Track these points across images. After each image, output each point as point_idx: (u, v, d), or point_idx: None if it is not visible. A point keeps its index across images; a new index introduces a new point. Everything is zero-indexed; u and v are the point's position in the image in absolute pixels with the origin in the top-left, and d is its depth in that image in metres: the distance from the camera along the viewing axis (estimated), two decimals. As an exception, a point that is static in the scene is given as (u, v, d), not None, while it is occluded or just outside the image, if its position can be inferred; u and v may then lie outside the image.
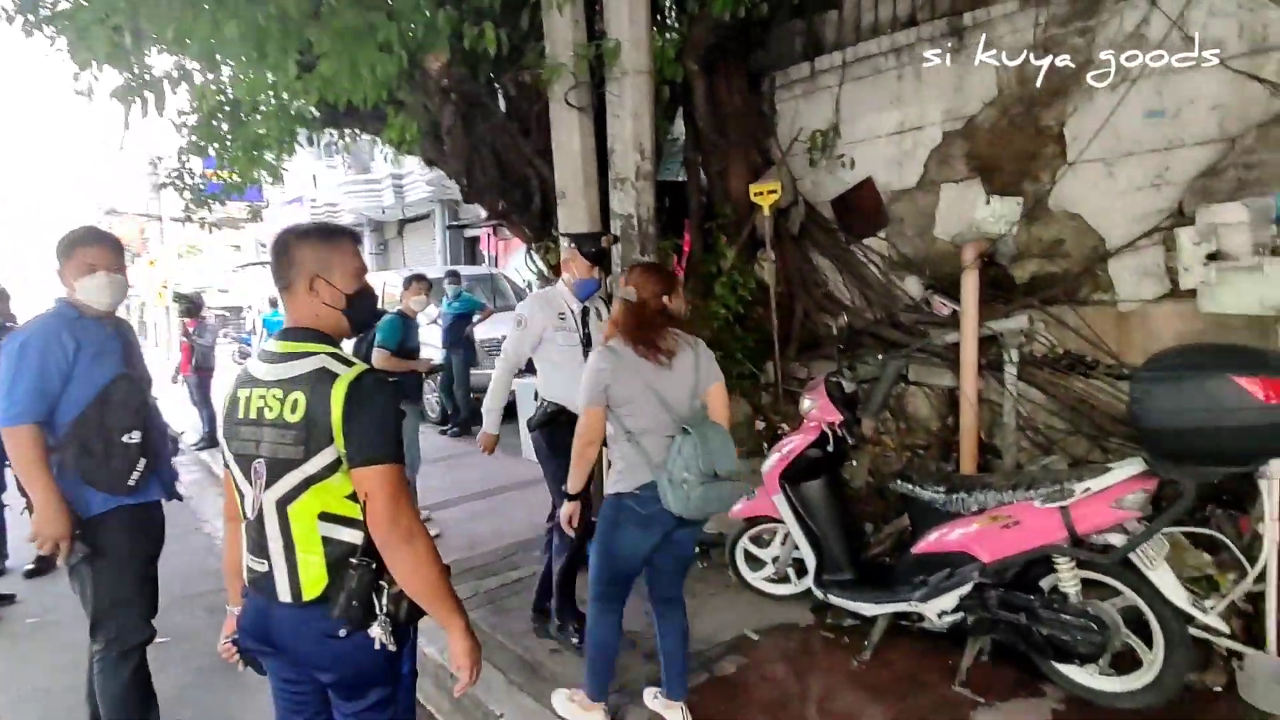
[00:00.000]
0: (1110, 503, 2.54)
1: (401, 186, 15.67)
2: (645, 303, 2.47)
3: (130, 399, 2.26)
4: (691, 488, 2.32)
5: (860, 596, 3.17)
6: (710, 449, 2.33)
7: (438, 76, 3.96)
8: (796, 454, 3.36)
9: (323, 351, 1.56)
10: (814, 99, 4.78)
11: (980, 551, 2.76)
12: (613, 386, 2.42)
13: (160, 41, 3.82)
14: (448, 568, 1.57)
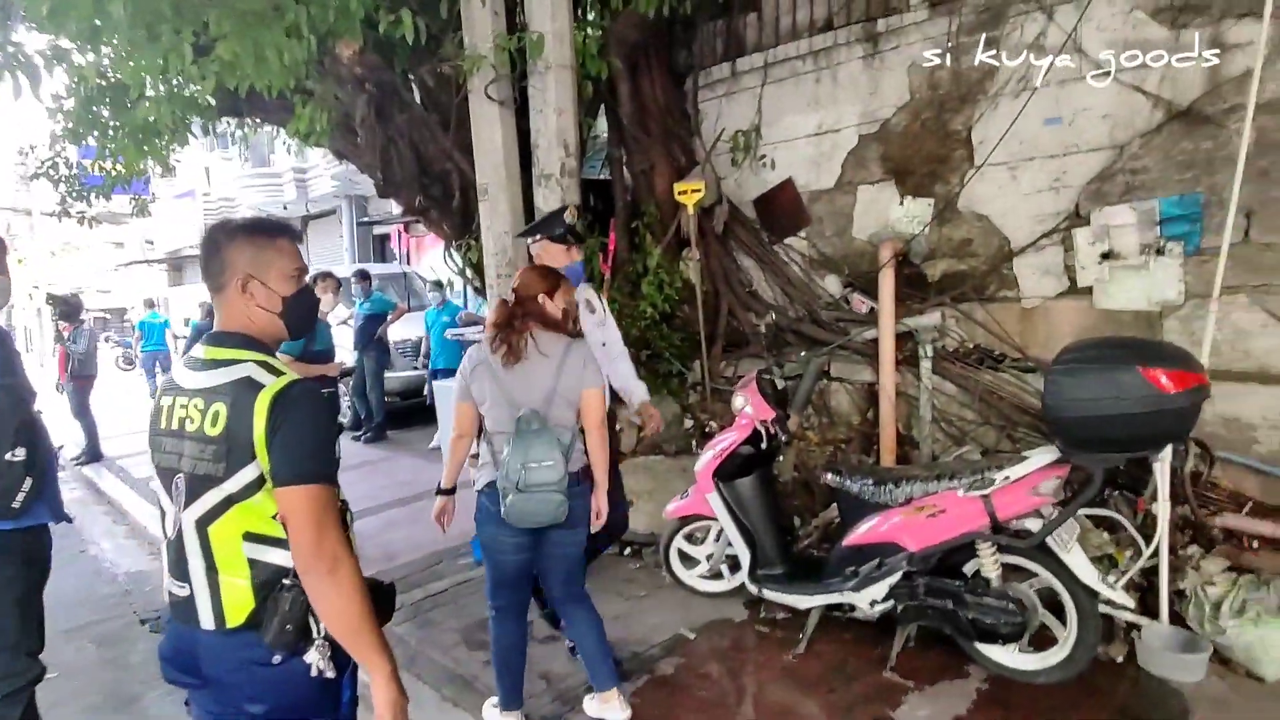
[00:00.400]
0: (1028, 490, 2.66)
1: (305, 181, 14.91)
2: (519, 301, 2.48)
3: (11, 412, 2.01)
4: (509, 494, 2.31)
5: (794, 590, 3.23)
6: (526, 458, 2.30)
7: (350, 65, 3.76)
8: (730, 451, 3.37)
9: (250, 359, 1.43)
10: (736, 99, 4.84)
11: (908, 541, 2.85)
12: (471, 384, 2.45)
13: (31, 19, 3.45)
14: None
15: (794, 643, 3.19)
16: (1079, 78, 3.58)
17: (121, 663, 3.68)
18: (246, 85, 3.77)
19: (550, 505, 2.34)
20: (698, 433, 4.82)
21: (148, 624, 3.70)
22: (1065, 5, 3.54)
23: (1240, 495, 3.30)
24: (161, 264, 23.11)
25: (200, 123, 5.20)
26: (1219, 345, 3.21)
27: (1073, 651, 2.73)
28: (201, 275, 1.52)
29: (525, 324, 2.42)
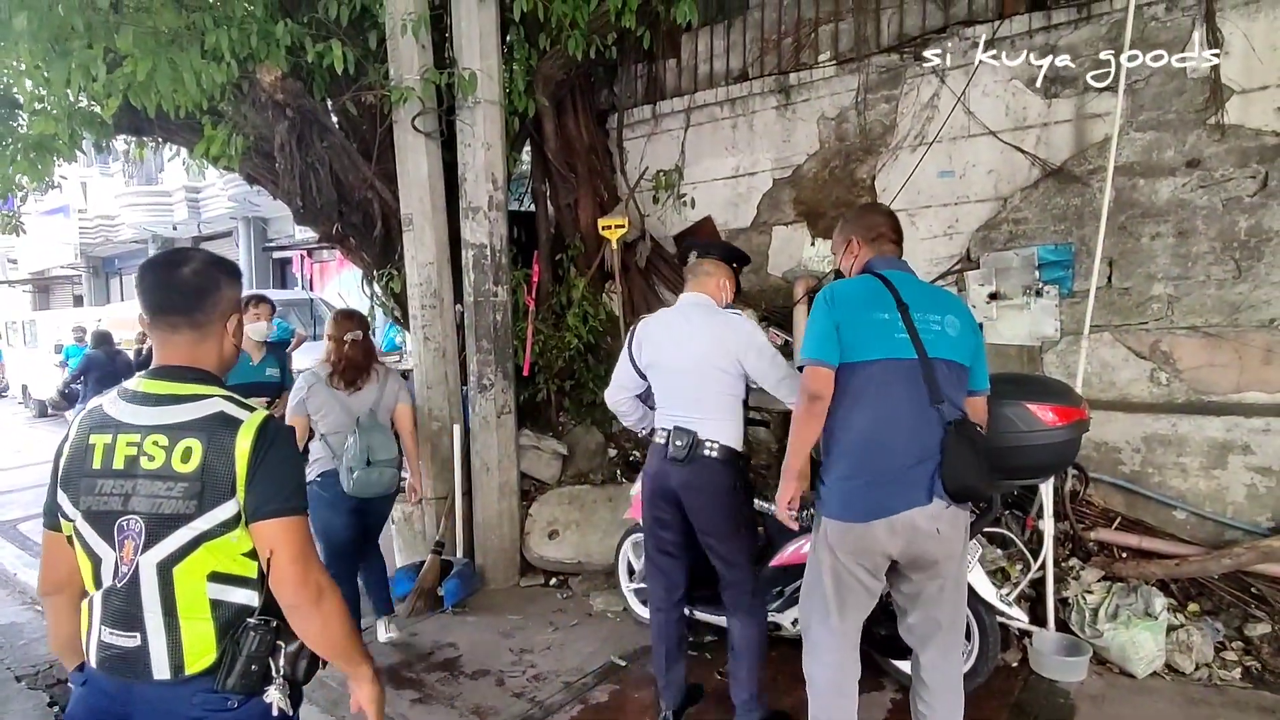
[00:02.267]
0: None
1: (198, 201, 14.11)
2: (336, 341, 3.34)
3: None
4: (356, 471, 3.19)
5: (722, 610, 3.33)
6: (370, 445, 3.23)
7: (271, 90, 3.67)
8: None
9: (216, 394, 1.39)
10: (658, 140, 5.04)
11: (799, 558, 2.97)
12: (309, 400, 3.28)
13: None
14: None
15: (723, 662, 3.28)
16: (968, 135, 3.98)
17: (-6, 726, 3.35)
18: (155, 105, 3.62)
19: (387, 477, 3.31)
20: (621, 461, 4.91)
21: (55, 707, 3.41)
22: (955, 70, 3.93)
23: (1110, 511, 3.69)
24: (26, 285, 21.15)
25: (92, 140, 4.90)
26: (1089, 377, 3.61)
27: (976, 663, 2.92)
28: (159, 305, 1.43)
29: (369, 362, 3.43)
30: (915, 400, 2.08)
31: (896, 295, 2.13)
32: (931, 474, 2.06)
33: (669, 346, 2.66)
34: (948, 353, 2.13)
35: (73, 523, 1.38)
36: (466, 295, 4.28)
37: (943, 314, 2.15)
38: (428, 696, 3.21)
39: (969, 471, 2.06)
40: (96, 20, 3.06)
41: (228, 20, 3.46)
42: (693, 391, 2.60)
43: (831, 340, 2.10)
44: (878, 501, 2.08)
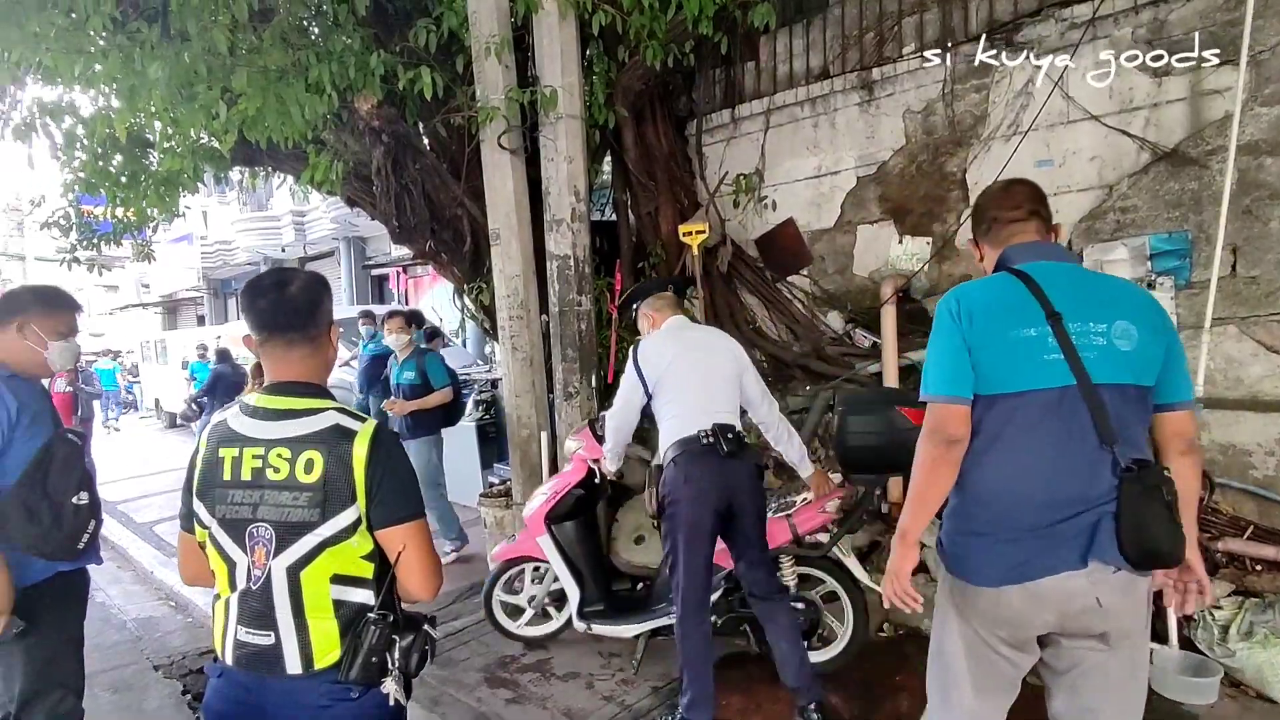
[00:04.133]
0: (819, 509, 3.16)
1: (303, 224, 15.08)
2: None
3: (73, 459, 2.08)
4: None
5: (620, 621, 3.45)
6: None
7: (368, 117, 3.90)
8: (562, 495, 3.54)
9: (330, 407, 1.49)
10: (737, 144, 5.02)
11: (726, 562, 3.10)
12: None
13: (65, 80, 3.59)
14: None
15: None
16: (1067, 121, 3.76)
17: (136, 708, 3.66)
18: (267, 137, 3.91)
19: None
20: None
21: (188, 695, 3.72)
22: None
23: (1241, 520, 3.39)
24: (157, 307, 23.15)
25: (212, 172, 5.32)
26: (1212, 374, 3.34)
27: (848, 643, 3.24)
28: (275, 325, 1.52)
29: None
30: (1075, 439, 1.60)
31: (1044, 300, 1.62)
32: (1091, 530, 1.58)
33: (696, 354, 2.90)
34: (1120, 374, 1.60)
35: (208, 530, 1.50)
36: (552, 305, 4.39)
37: (1110, 319, 1.61)
38: (521, 697, 3.30)
39: (1156, 531, 1.54)
40: (215, 64, 3.35)
41: (328, 54, 3.70)
42: (721, 392, 2.86)
43: (963, 366, 1.64)
44: (1013, 563, 1.63)
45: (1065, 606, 1.62)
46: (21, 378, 2.14)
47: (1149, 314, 1.65)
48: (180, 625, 4.79)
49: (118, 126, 3.51)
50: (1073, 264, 1.75)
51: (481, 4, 4.06)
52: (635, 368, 2.91)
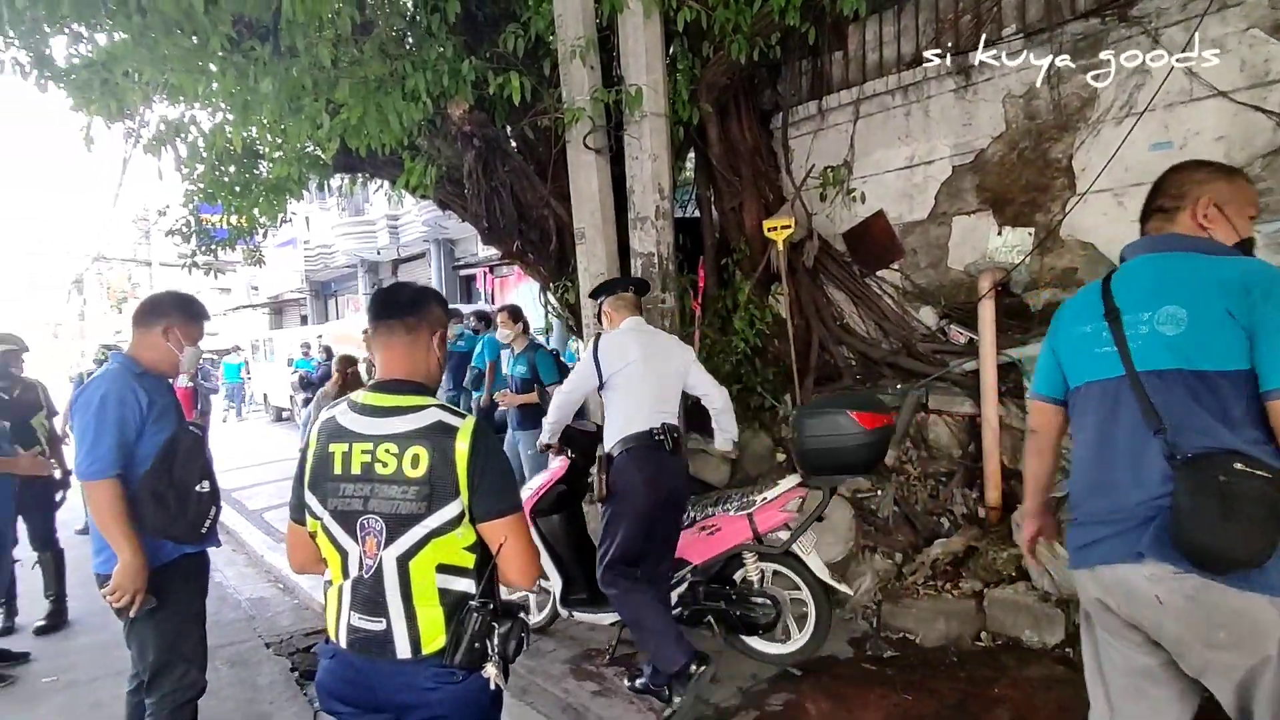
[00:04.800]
0: (779, 508, 3.29)
1: (397, 227, 15.75)
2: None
3: (195, 450, 2.25)
4: None
5: (600, 609, 3.54)
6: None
7: (460, 123, 4.03)
8: (545, 489, 3.66)
9: (432, 404, 1.57)
10: (824, 136, 4.91)
11: (692, 555, 3.37)
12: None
13: (183, 96, 3.87)
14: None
15: (907, 679, 3.14)
16: (1189, 100, 3.49)
17: (251, 683, 3.90)
18: (366, 145, 4.10)
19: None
20: (791, 466, 4.81)
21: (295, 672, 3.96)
22: (1173, 27, 3.47)
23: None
24: (265, 308, 24.71)
25: (315, 180, 5.63)
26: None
27: (811, 638, 3.32)
28: (379, 314, 1.64)
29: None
30: (1122, 428, 1.61)
31: (1107, 296, 1.66)
32: (1147, 523, 1.53)
33: (655, 359, 3.20)
34: (1164, 360, 1.55)
35: (320, 520, 1.58)
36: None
37: (1156, 305, 1.57)
38: (607, 690, 3.34)
39: (1209, 527, 1.42)
40: (320, 77, 3.54)
41: (424, 63, 3.84)
42: (671, 394, 3.24)
43: (1048, 366, 1.83)
44: (1080, 545, 1.68)
45: (1128, 600, 1.59)
46: (151, 375, 2.34)
47: (1218, 296, 1.51)
48: (288, 606, 5.09)
49: (234, 139, 3.76)
50: (1173, 252, 1.64)
51: (567, 6, 4.12)
52: (594, 359, 3.17)
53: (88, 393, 2.24)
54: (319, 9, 3.33)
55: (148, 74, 3.46)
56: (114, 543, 2.18)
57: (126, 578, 2.18)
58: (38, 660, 4.25)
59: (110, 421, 2.17)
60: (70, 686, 3.93)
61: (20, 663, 4.19)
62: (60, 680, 4.02)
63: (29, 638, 4.54)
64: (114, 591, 2.20)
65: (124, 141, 5.70)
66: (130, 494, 2.19)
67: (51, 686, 3.97)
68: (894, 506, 4.30)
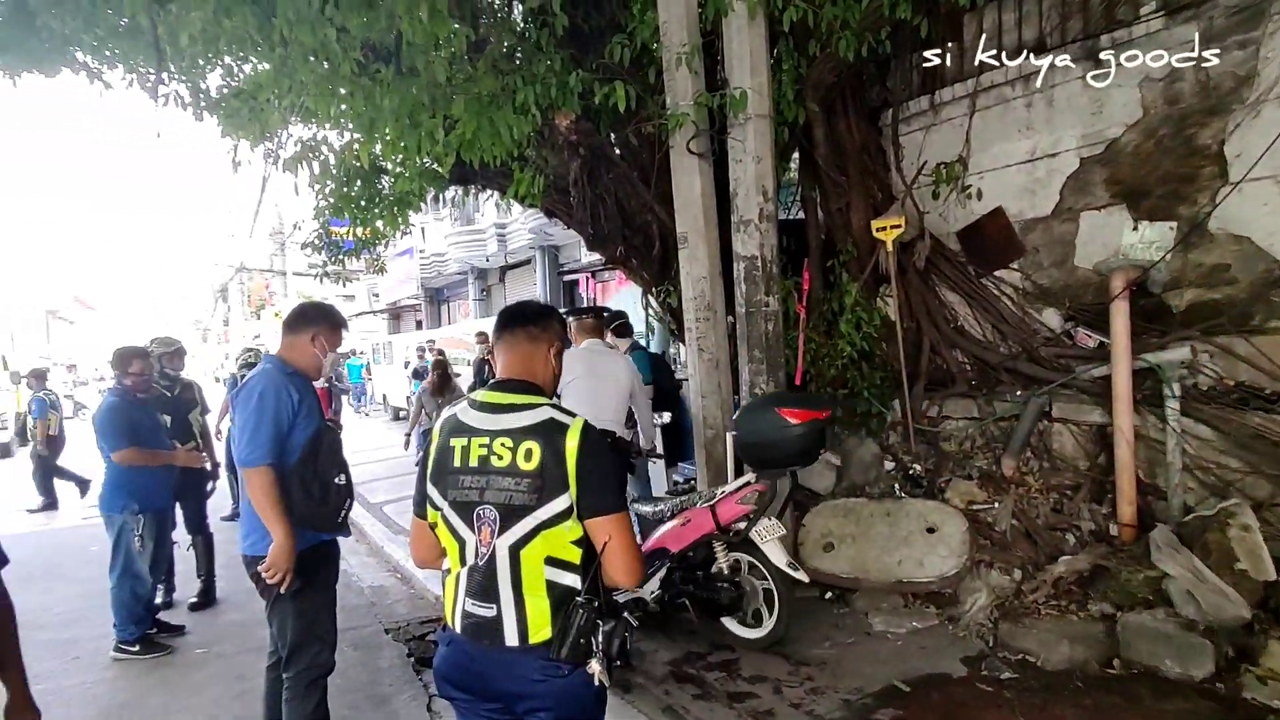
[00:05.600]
0: (737, 500, 3.59)
1: (504, 235, 16.34)
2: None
3: (335, 445, 2.45)
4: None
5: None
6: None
7: (567, 133, 4.16)
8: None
9: (545, 403, 1.65)
10: (937, 131, 4.71)
11: (671, 545, 3.73)
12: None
13: (318, 119, 4.20)
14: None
15: (1027, 703, 2.95)
16: (1367, 75, 3.11)
17: (372, 665, 4.16)
18: (478, 158, 4.29)
19: None
20: (900, 474, 4.63)
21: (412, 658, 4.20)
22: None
23: None
24: (384, 314, 26.28)
25: (432, 191, 5.94)
26: None
27: (775, 625, 3.61)
28: (505, 323, 1.76)
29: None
30: None
31: None
32: None
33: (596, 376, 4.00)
34: None
35: (440, 511, 1.68)
36: (738, 306, 4.39)
37: None
38: (708, 694, 3.33)
39: None
40: (437, 94, 3.75)
41: (533, 77, 3.99)
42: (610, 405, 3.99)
43: None
44: None
45: None
46: (299, 375, 2.56)
47: None
48: (406, 595, 5.38)
49: (361, 156, 4.04)
50: None
51: (671, 14, 4.16)
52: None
53: (247, 388, 2.48)
54: (437, 30, 3.53)
55: (287, 100, 3.77)
56: (270, 525, 2.40)
57: (280, 557, 2.40)
58: (191, 633, 4.71)
59: (268, 414, 2.40)
60: (218, 658, 4.33)
61: (177, 635, 4.65)
62: (210, 652, 4.44)
63: (184, 613, 5.03)
64: (268, 569, 2.42)
65: (264, 162, 6.26)
66: (282, 482, 2.41)
67: (203, 657, 4.38)
68: (1012, 520, 4.06)
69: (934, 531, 4.04)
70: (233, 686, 3.90)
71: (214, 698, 3.83)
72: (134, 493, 4.31)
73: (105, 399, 4.51)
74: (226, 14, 4.01)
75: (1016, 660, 3.35)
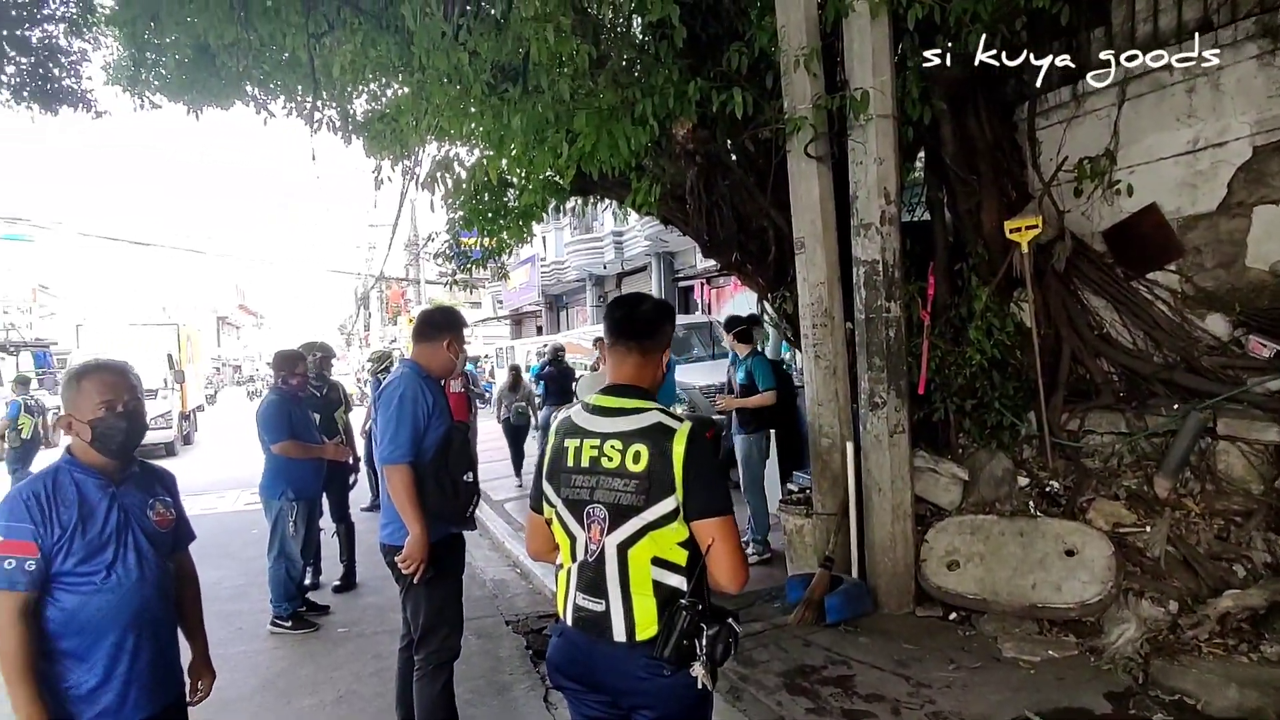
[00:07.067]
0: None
1: (622, 243, 16.71)
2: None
3: (464, 444, 2.63)
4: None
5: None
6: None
7: (684, 142, 4.21)
8: None
9: (653, 408, 1.70)
10: (1080, 124, 4.38)
11: None
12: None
13: (451, 137, 4.49)
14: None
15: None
16: None
17: (493, 654, 4.37)
18: (598, 169, 4.42)
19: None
20: (1035, 492, 4.33)
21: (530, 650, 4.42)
22: None
23: None
24: (506, 320, 27.50)
25: (554, 203, 6.18)
26: None
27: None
28: (620, 333, 1.80)
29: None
30: None
31: None
32: None
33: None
34: None
35: (554, 508, 1.76)
36: (858, 313, 4.27)
37: None
38: (821, 709, 3.26)
39: None
40: (561, 110, 3.91)
41: (651, 89, 4.07)
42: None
43: None
44: None
45: None
46: (431, 378, 2.76)
47: None
48: (524, 590, 5.61)
49: (491, 172, 4.28)
50: None
51: (790, 17, 4.12)
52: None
53: (389, 391, 2.70)
54: (561, 49, 3.69)
55: (425, 121, 4.06)
56: (407, 519, 2.60)
57: (417, 548, 2.60)
58: (334, 613, 5.14)
59: (408, 415, 2.61)
60: (358, 637, 4.70)
61: (323, 614, 5.09)
62: (350, 631, 4.82)
63: (328, 594, 5.50)
64: (404, 560, 2.62)
65: (402, 179, 6.75)
66: (418, 479, 2.60)
67: (345, 636, 4.77)
68: (1168, 546, 3.69)
69: (1073, 554, 3.75)
70: (370, 664, 4.22)
71: (354, 673, 4.16)
72: (291, 482, 4.77)
73: (267, 396, 5.02)
74: (372, 45, 4.38)
75: (1171, 701, 3.05)
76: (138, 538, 1.87)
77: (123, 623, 1.82)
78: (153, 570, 1.89)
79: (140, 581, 1.85)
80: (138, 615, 1.84)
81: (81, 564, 1.78)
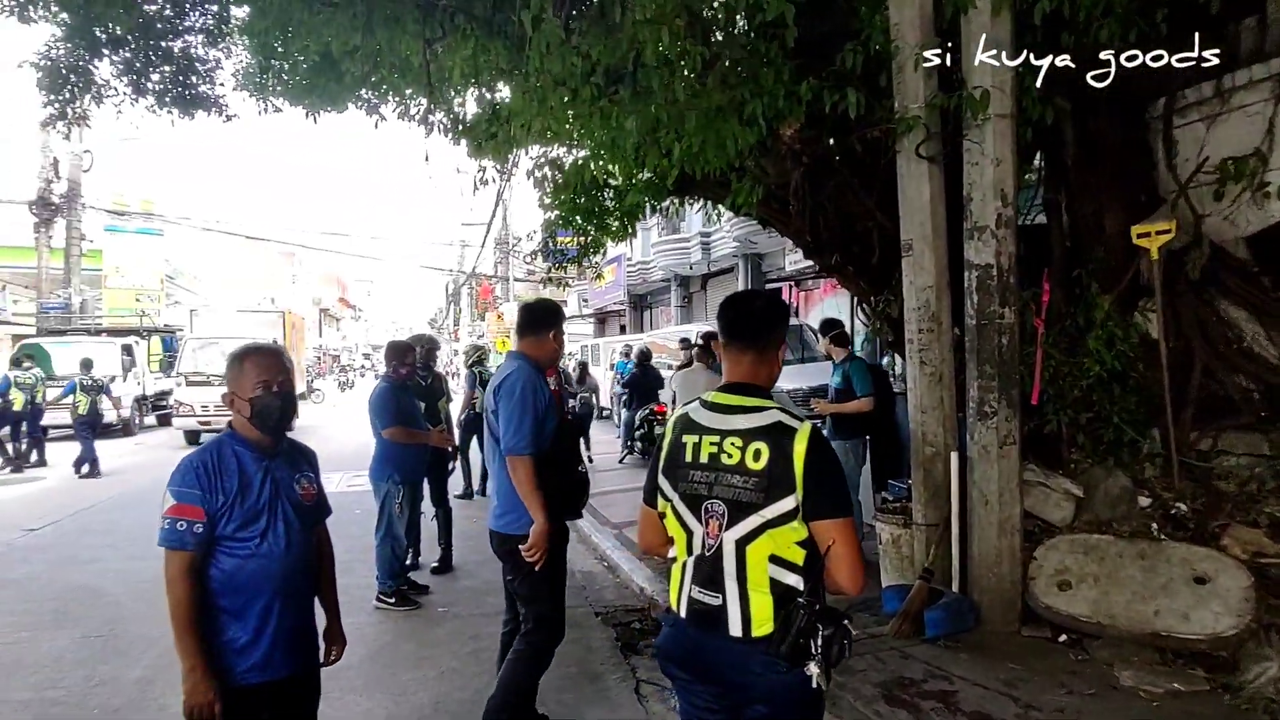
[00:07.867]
0: None
1: (709, 243, 16.66)
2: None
3: (574, 439, 2.72)
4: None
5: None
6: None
7: (791, 142, 4.17)
8: None
9: (773, 407, 1.71)
10: (1225, 122, 4.08)
11: None
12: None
13: (559, 140, 4.61)
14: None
15: None
16: None
17: (585, 644, 4.45)
18: (700, 169, 4.44)
19: None
20: (1159, 513, 4.07)
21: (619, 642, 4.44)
22: None
23: None
24: (591, 318, 27.90)
25: (654, 203, 6.24)
26: None
27: None
28: (735, 332, 1.82)
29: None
30: None
31: None
32: None
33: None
34: None
35: (670, 502, 1.80)
36: (968, 318, 4.12)
37: None
38: (918, 719, 3.17)
39: None
40: (672, 111, 3.95)
41: (760, 90, 4.06)
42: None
43: None
44: None
45: None
46: (543, 372, 2.85)
47: None
48: (611, 583, 5.70)
49: (595, 171, 4.38)
50: None
51: (904, 15, 4.02)
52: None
53: (508, 383, 2.80)
54: (671, 50, 3.73)
55: (536, 123, 4.19)
56: (531, 509, 2.69)
57: (540, 538, 2.69)
58: (434, 594, 5.36)
59: (529, 408, 2.71)
60: (455, 618, 4.90)
61: (424, 593, 5.32)
62: (449, 612, 5.03)
63: (427, 575, 5.74)
64: (530, 549, 2.71)
65: (498, 179, 6.99)
66: (540, 469, 2.70)
67: (443, 615, 4.97)
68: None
69: (1203, 582, 3.51)
70: (468, 644, 4.39)
71: (452, 651, 4.34)
72: (398, 466, 5.02)
73: (378, 385, 5.29)
74: (484, 50, 4.55)
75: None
76: (286, 509, 2.02)
77: (272, 587, 1.97)
78: (298, 540, 2.03)
79: (287, 550, 1.99)
80: (285, 581, 1.99)
81: (240, 530, 1.94)
